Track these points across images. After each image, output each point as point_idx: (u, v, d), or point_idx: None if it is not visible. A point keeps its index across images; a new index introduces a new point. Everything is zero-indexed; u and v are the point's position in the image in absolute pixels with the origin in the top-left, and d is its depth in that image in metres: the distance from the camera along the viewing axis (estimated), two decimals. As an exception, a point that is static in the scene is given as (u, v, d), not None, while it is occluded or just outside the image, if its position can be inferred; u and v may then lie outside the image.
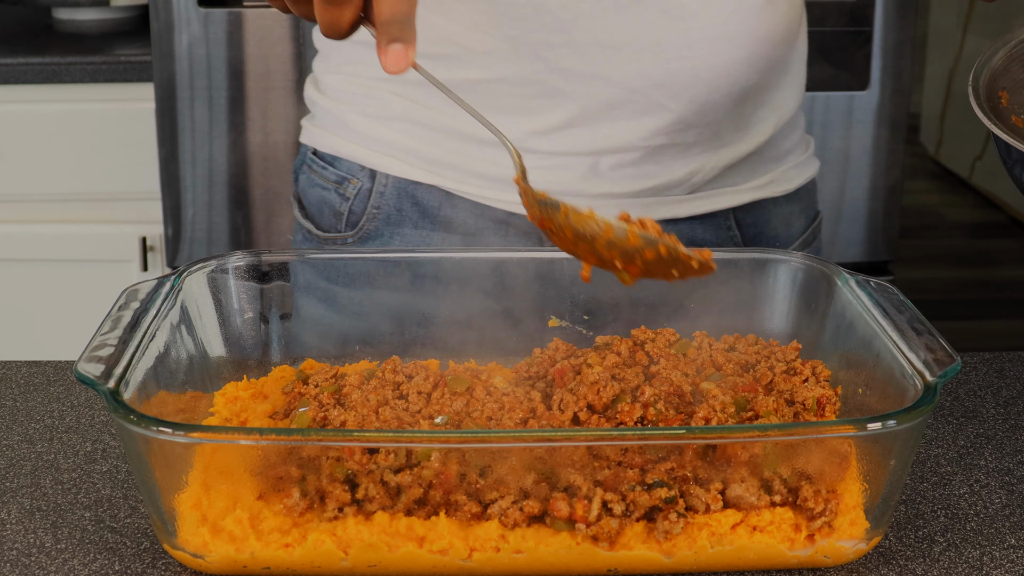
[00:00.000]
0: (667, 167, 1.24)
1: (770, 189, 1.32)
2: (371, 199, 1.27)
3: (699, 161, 1.25)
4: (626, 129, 1.21)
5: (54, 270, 2.64)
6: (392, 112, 1.25)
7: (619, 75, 1.18)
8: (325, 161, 1.31)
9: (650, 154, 1.23)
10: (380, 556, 0.87)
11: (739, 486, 0.88)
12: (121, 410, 0.85)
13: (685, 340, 1.08)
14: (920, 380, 0.90)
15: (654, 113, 1.20)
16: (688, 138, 1.23)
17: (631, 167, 1.23)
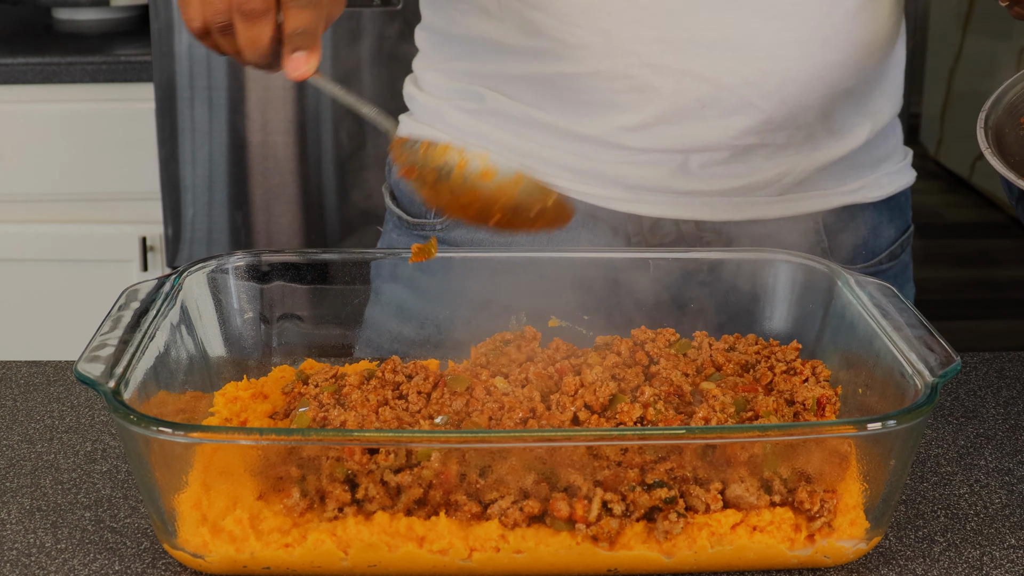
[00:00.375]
0: (757, 167, 1.24)
1: (861, 195, 1.31)
2: None
3: (789, 163, 1.25)
4: (716, 127, 1.20)
5: (54, 270, 2.64)
6: (487, 107, 1.27)
7: (710, 72, 1.18)
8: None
9: (740, 153, 1.23)
10: (380, 556, 0.87)
11: (739, 486, 0.88)
12: (121, 410, 0.85)
13: (685, 340, 1.08)
14: (920, 380, 0.90)
15: (744, 112, 1.20)
16: (779, 139, 1.23)
17: (720, 166, 1.23)
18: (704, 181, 1.24)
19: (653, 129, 1.21)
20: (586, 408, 0.96)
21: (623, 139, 1.22)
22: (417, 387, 0.97)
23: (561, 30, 1.18)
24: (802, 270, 1.11)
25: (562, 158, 1.25)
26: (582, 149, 1.24)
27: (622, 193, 1.25)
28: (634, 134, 1.21)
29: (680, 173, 1.23)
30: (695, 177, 1.23)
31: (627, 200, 1.25)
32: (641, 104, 1.20)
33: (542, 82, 1.22)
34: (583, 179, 1.25)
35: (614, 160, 1.23)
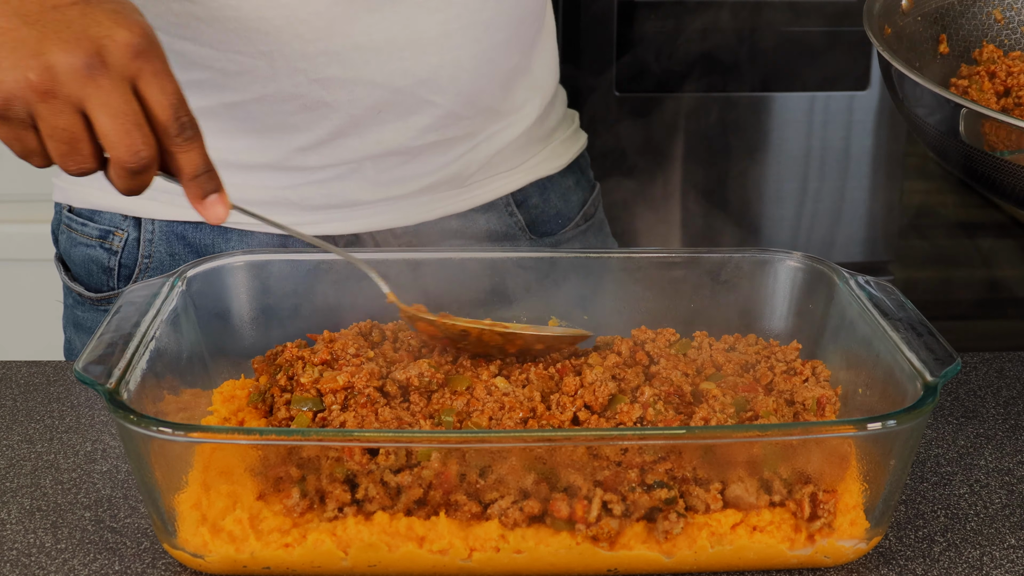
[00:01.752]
0: (439, 163, 1.23)
1: (543, 168, 1.32)
2: (140, 248, 1.23)
3: (470, 152, 1.24)
4: (394, 130, 1.18)
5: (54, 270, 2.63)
6: None
7: (382, 77, 1.15)
8: (83, 217, 1.26)
9: (421, 152, 1.21)
10: (380, 556, 0.87)
11: (739, 486, 0.88)
12: (121, 410, 0.85)
13: (685, 340, 1.08)
14: (920, 380, 0.90)
15: (422, 111, 1.18)
16: (458, 130, 1.21)
17: (404, 167, 1.21)
18: (390, 187, 1.22)
19: (330, 145, 1.18)
20: (586, 408, 0.96)
21: (300, 161, 1.19)
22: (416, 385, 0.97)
23: (219, 59, 1.14)
24: (802, 270, 1.11)
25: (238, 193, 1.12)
26: (259, 179, 1.20)
27: (312, 216, 1.21)
28: (311, 153, 1.18)
29: (366, 183, 1.21)
30: (382, 185, 1.21)
31: (317, 222, 1.21)
32: (315, 121, 1.17)
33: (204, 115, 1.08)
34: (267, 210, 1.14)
35: (295, 183, 1.20)
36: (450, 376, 0.98)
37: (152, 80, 0.87)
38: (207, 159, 0.90)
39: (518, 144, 1.29)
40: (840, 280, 1.07)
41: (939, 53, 1.19)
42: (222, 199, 0.91)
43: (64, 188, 1.27)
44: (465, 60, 1.18)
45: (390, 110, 1.17)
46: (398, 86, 1.16)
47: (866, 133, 2.47)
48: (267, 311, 1.11)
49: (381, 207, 1.22)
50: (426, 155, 1.22)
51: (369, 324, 1.08)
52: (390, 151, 1.20)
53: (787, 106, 2.42)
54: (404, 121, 1.18)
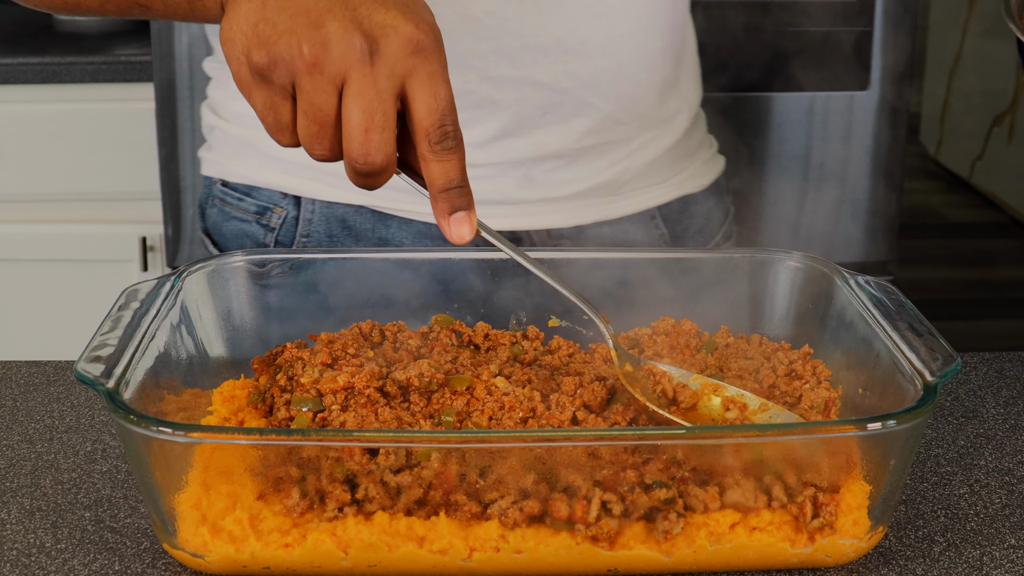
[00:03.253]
0: (597, 168, 1.24)
1: (689, 185, 1.33)
2: (299, 227, 1.23)
3: (626, 159, 1.25)
4: (558, 132, 1.20)
5: (54, 270, 2.64)
6: None
7: (548, 78, 1.17)
8: (240, 192, 1.26)
9: (580, 155, 1.22)
10: (380, 556, 0.87)
11: (737, 490, 0.87)
12: (121, 410, 0.85)
13: (712, 340, 1.08)
14: (920, 380, 0.90)
15: (584, 113, 1.20)
16: (616, 135, 1.23)
17: (563, 170, 1.23)
18: (550, 188, 1.23)
19: (497, 143, 1.19)
20: (585, 408, 0.96)
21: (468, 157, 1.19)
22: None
23: None
24: (802, 270, 1.11)
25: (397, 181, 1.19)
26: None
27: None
28: (478, 151, 1.19)
29: (526, 183, 1.22)
30: (540, 185, 1.22)
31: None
32: (483, 119, 1.18)
33: None
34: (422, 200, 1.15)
35: None
36: (450, 376, 0.98)
37: (425, 80, 0.83)
38: (463, 173, 0.86)
39: (668, 157, 1.30)
40: (840, 280, 1.07)
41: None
42: (469, 218, 0.87)
43: (216, 162, 1.26)
44: (626, 65, 1.19)
45: (555, 111, 1.19)
46: (564, 87, 1.17)
47: (866, 133, 2.47)
48: (267, 311, 1.11)
49: (540, 207, 1.23)
50: (585, 159, 1.23)
51: (369, 324, 1.08)
52: (552, 153, 1.21)
53: (787, 106, 2.42)
54: (567, 123, 1.20)
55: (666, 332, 1.09)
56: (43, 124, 2.57)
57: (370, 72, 0.82)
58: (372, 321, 1.08)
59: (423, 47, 0.83)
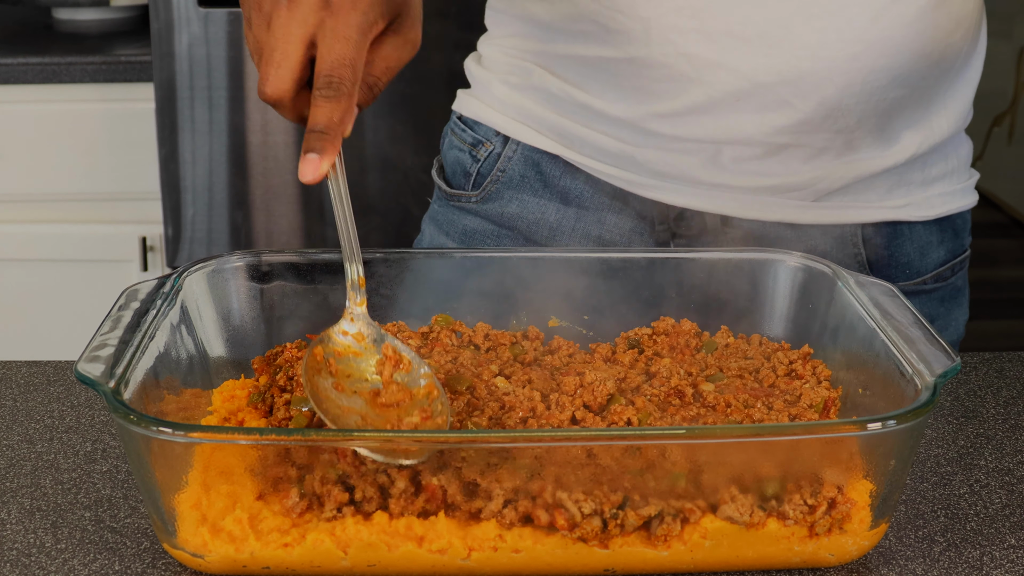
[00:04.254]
0: (791, 168, 1.22)
1: (906, 212, 1.28)
2: (499, 163, 1.32)
3: (826, 168, 1.23)
4: (749, 122, 1.20)
5: (54, 270, 2.64)
6: (531, 82, 1.29)
7: (746, 67, 1.17)
8: (466, 125, 1.35)
9: (773, 151, 1.21)
10: (379, 556, 0.87)
11: (730, 507, 0.87)
12: (121, 410, 0.85)
13: (712, 340, 1.08)
14: (920, 380, 0.90)
15: (779, 110, 1.18)
16: (816, 141, 1.20)
17: (753, 161, 1.22)
18: (735, 176, 1.23)
19: (686, 118, 1.21)
20: (585, 408, 0.96)
21: (655, 125, 1.22)
22: None
23: (604, 15, 1.20)
24: (802, 270, 1.11)
25: (595, 138, 1.26)
26: (615, 131, 1.25)
27: (650, 179, 1.26)
28: (666, 121, 1.22)
29: (710, 165, 1.23)
30: (726, 171, 1.23)
31: (654, 187, 1.26)
32: (675, 93, 1.20)
33: (584, 63, 1.24)
34: (613, 161, 1.26)
35: (645, 145, 1.24)
36: (450, 376, 0.98)
37: (327, 34, 0.90)
38: (332, 123, 0.90)
39: (887, 178, 1.26)
40: (840, 280, 1.07)
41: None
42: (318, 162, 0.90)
43: (461, 98, 1.37)
44: (835, 74, 1.16)
45: (748, 100, 1.18)
46: (761, 80, 1.17)
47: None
48: (267, 311, 1.11)
49: (721, 191, 1.24)
50: (782, 156, 1.22)
51: None
52: (741, 140, 1.21)
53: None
54: (760, 115, 1.19)
55: (666, 332, 1.09)
56: (43, 124, 2.58)
57: (285, 15, 0.90)
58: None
59: (332, 4, 0.90)
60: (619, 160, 1.26)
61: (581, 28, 1.22)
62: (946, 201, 1.30)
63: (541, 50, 1.27)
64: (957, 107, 1.27)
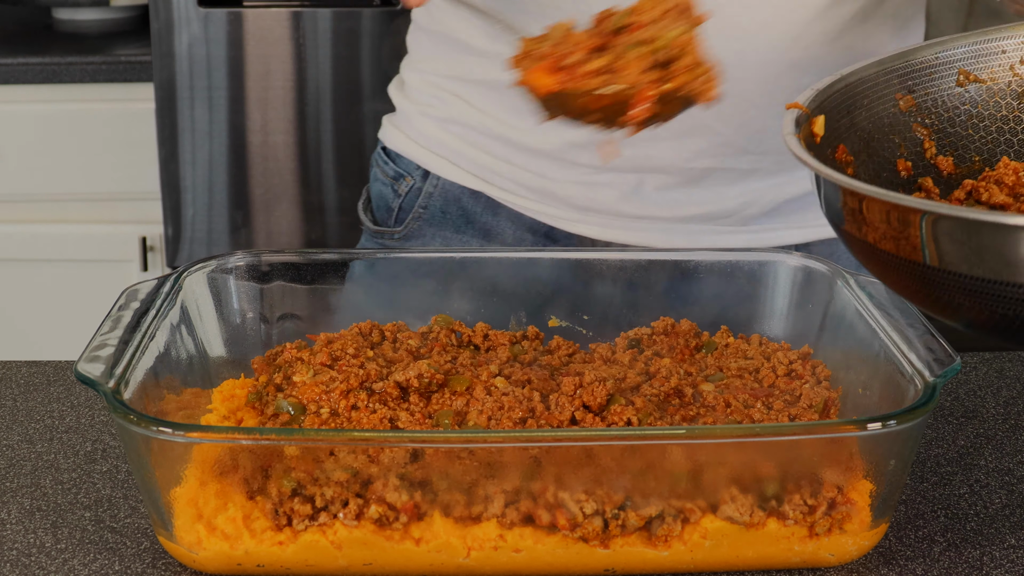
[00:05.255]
0: (718, 193, 1.20)
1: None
2: (419, 199, 1.29)
3: (754, 191, 1.21)
4: (669, 148, 1.17)
5: (54, 270, 2.64)
6: (451, 115, 1.26)
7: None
8: (389, 157, 1.33)
9: (697, 178, 1.19)
10: (375, 555, 0.87)
11: (730, 506, 0.87)
12: (121, 410, 0.85)
13: (712, 341, 1.08)
14: (920, 380, 0.90)
15: (699, 134, 1.16)
16: (741, 164, 1.19)
17: (677, 190, 1.20)
18: (659, 206, 1.21)
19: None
20: (584, 408, 0.96)
21: (572, 155, 1.20)
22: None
23: (513, 40, 1.14)
24: (802, 270, 1.11)
25: (515, 173, 1.24)
26: (535, 164, 1.22)
27: (573, 213, 1.23)
28: (583, 150, 1.19)
29: (633, 196, 1.21)
30: (649, 201, 1.21)
31: (577, 221, 1.23)
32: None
33: (501, 90, 1.20)
34: (534, 196, 1.24)
35: (565, 179, 1.21)
36: (450, 376, 0.98)
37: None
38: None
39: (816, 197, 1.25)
40: (840, 280, 1.07)
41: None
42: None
43: (385, 127, 1.34)
44: (756, 96, 1.14)
45: (667, 126, 1.14)
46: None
47: (866, 133, 2.46)
48: (267, 311, 1.11)
49: (646, 223, 1.22)
50: (707, 182, 1.19)
51: (369, 324, 1.08)
52: (662, 168, 1.18)
53: (787, 106, 2.42)
54: (680, 140, 1.17)
55: (665, 332, 1.09)
56: (43, 124, 2.58)
57: None
58: (372, 321, 1.08)
59: None
60: (540, 195, 1.24)
61: (497, 50, 1.19)
62: None
63: (459, 75, 1.24)
64: None
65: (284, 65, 2.47)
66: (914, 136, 1.00)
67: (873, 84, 0.99)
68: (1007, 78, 1.02)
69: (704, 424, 0.95)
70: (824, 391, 0.99)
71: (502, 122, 1.22)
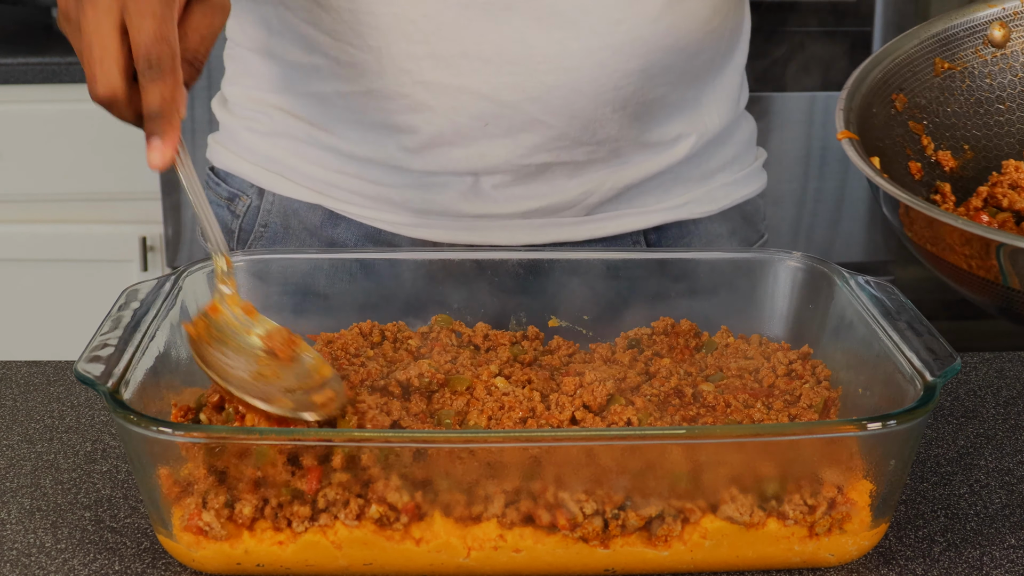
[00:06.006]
0: (557, 186, 1.18)
1: (687, 210, 1.24)
2: (259, 217, 1.26)
3: (595, 180, 1.19)
4: (502, 147, 1.15)
5: (54, 270, 2.64)
6: (277, 129, 1.23)
7: (488, 88, 1.12)
8: (219, 177, 1.29)
9: (535, 173, 1.17)
10: (376, 554, 0.87)
11: (730, 506, 0.87)
12: (121, 410, 0.85)
13: (712, 340, 1.08)
14: (920, 380, 0.90)
15: (531, 129, 1.14)
16: (578, 155, 1.16)
17: (516, 186, 1.18)
18: (499, 203, 1.19)
19: (434, 151, 1.16)
20: (584, 408, 0.96)
21: (405, 161, 1.17)
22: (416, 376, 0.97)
23: (334, 47, 1.15)
24: (802, 270, 1.11)
25: (348, 183, 1.21)
26: (368, 173, 1.20)
27: (412, 218, 1.21)
28: (415, 156, 1.17)
29: (472, 196, 1.18)
30: (489, 199, 1.18)
31: (417, 226, 1.21)
32: (418, 124, 1.15)
33: (323, 101, 1.18)
34: (372, 204, 1.21)
35: (400, 184, 1.19)
36: (450, 376, 0.98)
37: (132, 16, 0.87)
38: (165, 103, 0.88)
39: (661, 181, 1.22)
40: (840, 280, 1.07)
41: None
42: (162, 147, 0.89)
43: (211, 146, 1.30)
44: (584, 85, 1.12)
45: (497, 124, 1.14)
46: (505, 100, 1.13)
47: (866, 133, 2.47)
48: (267, 311, 1.11)
49: (488, 221, 1.20)
50: (545, 176, 1.18)
51: (369, 324, 1.08)
52: (497, 167, 1.16)
53: (787, 106, 2.42)
54: (513, 138, 1.15)
55: (665, 332, 1.09)
56: (43, 124, 2.58)
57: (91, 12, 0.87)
58: (372, 321, 1.08)
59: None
60: (377, 203, 1.21)
61: (313, 62, 1.17)
62: (729, 192, 1.26)
63: (281, 88, 1.22)
64: (728, 93, 1.23)
65: (284, 65, 2.47)
66: (913, 134, 1.01)
67: (881, 86, 1.00)
68: (974, 61, 1.03)
69: (704, 424, 0.95)
70: (824, 391, 0.99)
71: (330, 132, 1.20)
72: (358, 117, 1.17)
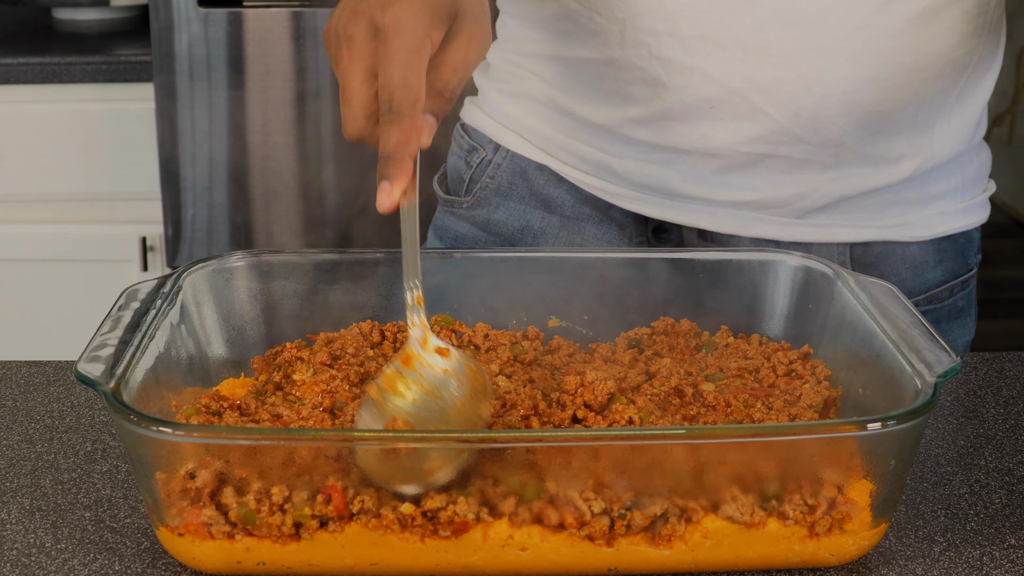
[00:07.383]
0: (773, 181, 1.20)
1: (898, 232, 1.24)
2: (489, 169, 1.33)
3: (811, 183, 1.20)
4: (724, 131, 1.17)
5: (54, 270, 2.64)
6: (523, 90, 1.30)
7: (719, 73, 1.15)
8: (466, 132, 1.37)
9: (752, 162, 1.19)
10: (382, 554, 0.87)
11: (731, 506, 0.87)
12: (121, 410, 0.85)
13: (712, 340, 1.08)
14: (920, 380, 0.90)
15: (754, 118, 1.16)
16: (796, 152, 1.18)
17: (732, 173, 1.20)
18: (714, 188, 1.22)
19: (660, 124, 1.20)
20: (585, 407, 0.96)
21: (631, 131, 1.22)
22: None
23: (584, 15, 1.20)
24: (802, 270, 1.11)
25: (576, 147, 1.27)
26: (595, 139, 1.25)
27: (629, 191, 1.26)
28: (642, 127, 1.21)
29: (689, 177, 1.22)
30: (704, 183, 1.22)
31: (633, 198, 1.26)
32: (649, 97, 1.19)
33: (567, 65, 1.25)
34: (594, 171, 1.27)
35: (623, 155, 1.24)
36: (450, 376, 0.98)
37: (382, 62, 0.91)
38: (401, 146, 0.90)
39: (878, 198, 1.23)
40: (840, 280, 1.07)
41: None
42: (389, 190, 0.90)
43: (466, 105, 1.39)
44: (813, 83, 1.14)
45: (722, 108, 1.17)
46: (734, 86, 1.15)
47: (866, 133, 2.46)
48: (267, 311, 1.11)
49: (697, 205, 1.24)
50: (761, 168, 1.20)
51: (369, 324, 1.08)
52: (716, 150, 1.19)
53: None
54: (735, 124, 1.17)
55: (665, 332, 1.09)
56: (43, 124, 2.58)
57: (346, 56, 0.92)
58: (372, 321, 1.08)
59: (381, 32, 0.91)
60: (599, 170, 1.27)
61: (564, 27, 1.23)
62: (946, 220, 1.26)
63: (533, 52, 1.28)
64: (963, 125, 1.23)
65: (284, 65, 2.47)
66: None
67: None
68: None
69: (704, 424, 0.95)
70: (824, 391, 0.99)
71: (568, 93, 1.26)
72: (595, 83, 1.23)
